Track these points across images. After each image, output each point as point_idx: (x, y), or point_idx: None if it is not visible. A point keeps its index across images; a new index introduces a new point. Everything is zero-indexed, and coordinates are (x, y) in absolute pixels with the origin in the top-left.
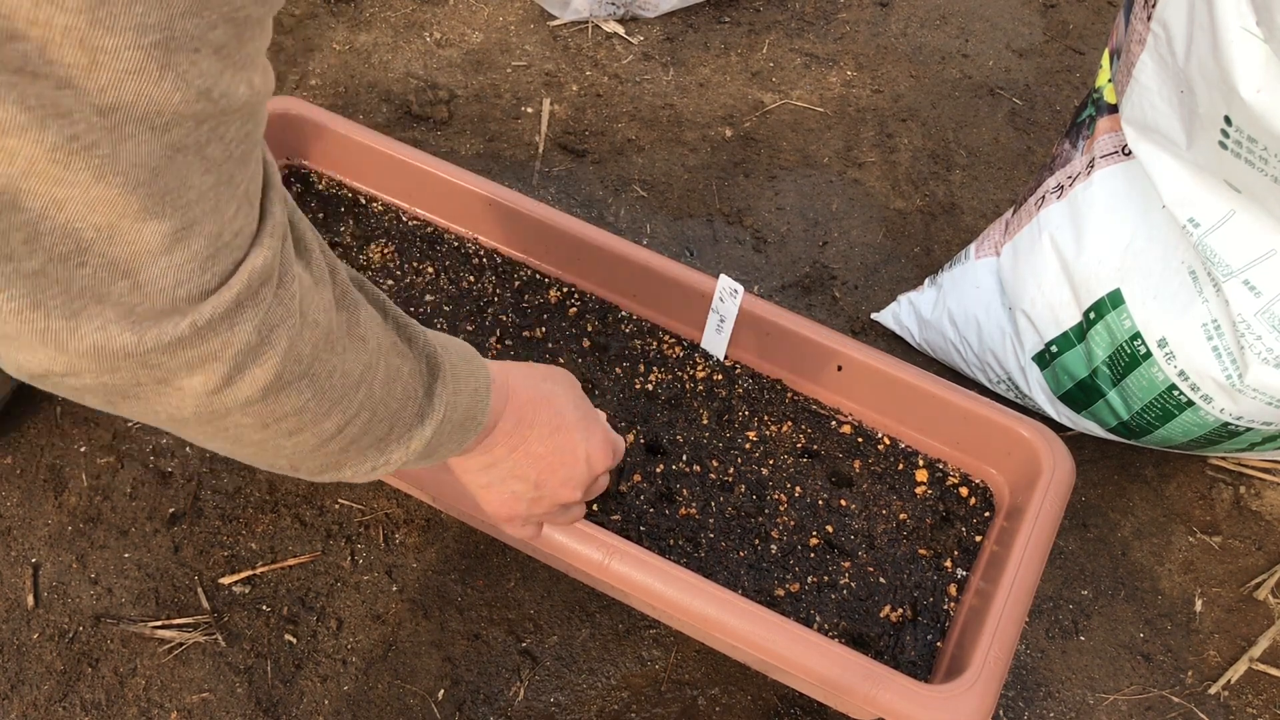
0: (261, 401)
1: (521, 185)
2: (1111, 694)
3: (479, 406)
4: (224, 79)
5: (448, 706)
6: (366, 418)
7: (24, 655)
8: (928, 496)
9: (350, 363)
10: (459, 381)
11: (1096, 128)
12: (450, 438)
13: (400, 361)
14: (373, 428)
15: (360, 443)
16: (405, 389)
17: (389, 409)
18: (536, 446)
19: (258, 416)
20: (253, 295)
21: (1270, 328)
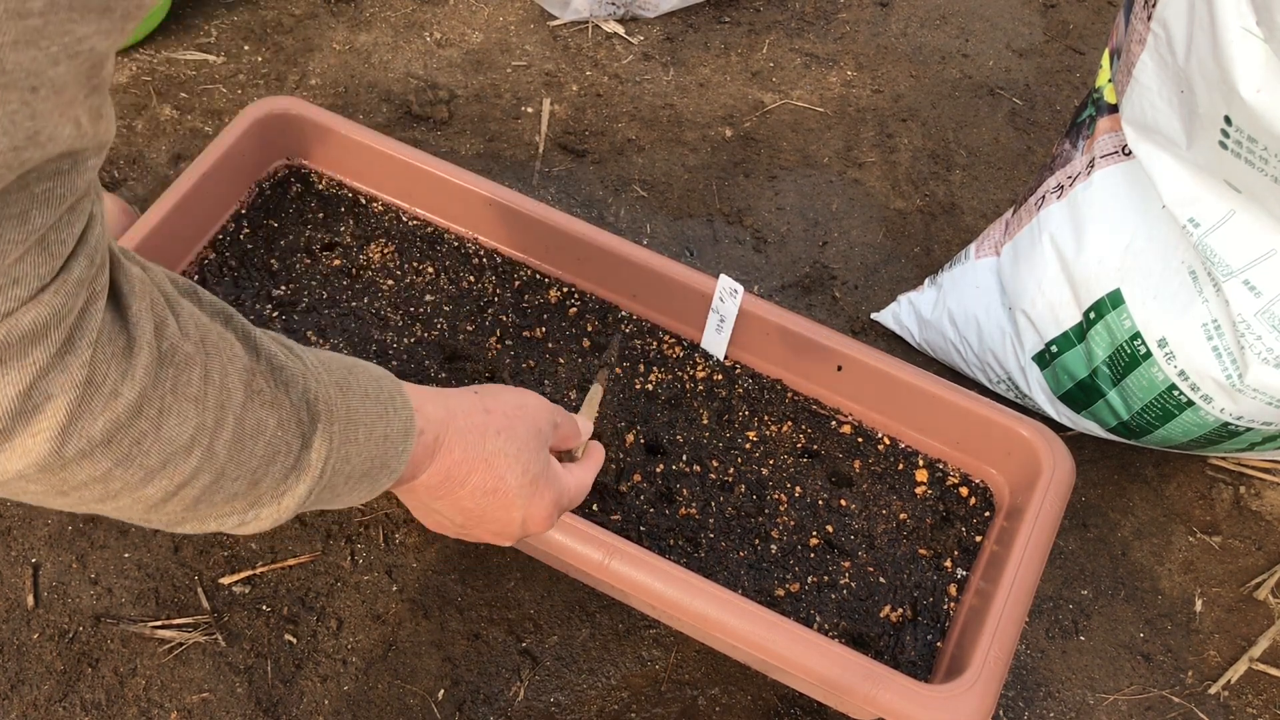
0: (42, 475)
1: (521, 185)
2: (1111, 694)
3: (392, 453)
4: (53, 119)
5: (448, 706)
6: (209, 479)
7: (24, 655)
8: (928, 496)
9: (175, 428)
10: (354, 430)
11: (1096, 128)
12: (351, 489)
13: (266, 413)
14: (223, 485)
15: (211, 500)
16: (271, 443)
17: (245, 466)
18: (466, 502)
19: (49, 485)
20: (17, 355)
21: (1270, 328)
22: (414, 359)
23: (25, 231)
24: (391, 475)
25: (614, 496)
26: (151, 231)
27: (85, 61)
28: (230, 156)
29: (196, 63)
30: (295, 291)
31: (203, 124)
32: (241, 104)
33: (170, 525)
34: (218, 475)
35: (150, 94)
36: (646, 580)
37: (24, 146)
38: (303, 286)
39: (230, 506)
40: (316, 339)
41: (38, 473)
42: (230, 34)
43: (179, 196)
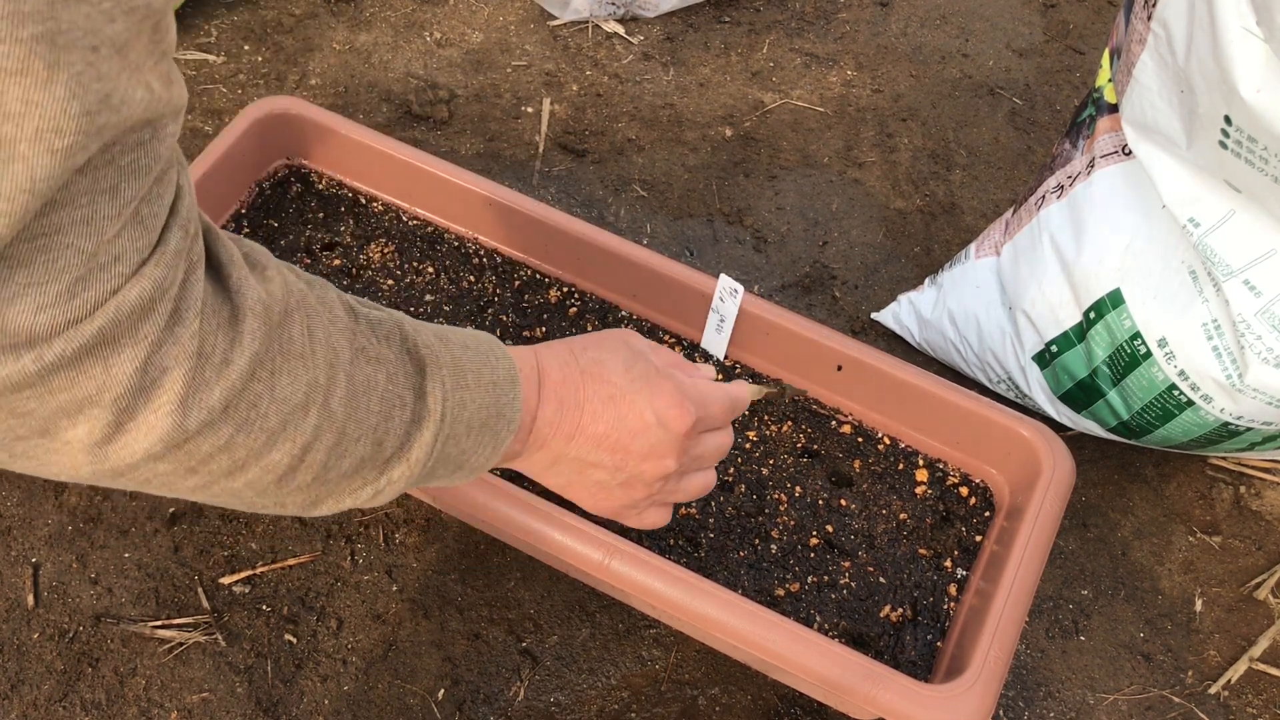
0: (169, 451)
1: (521, 185)
2: (1111, 694)
3: (504, 400)
4: (122, 82)
5: (448, 706)
6: (331, 440)
7: (24, 655)
8: (928, 496)
9: (288, 388)
10: (463, 376)
11: (1096, 128)
12: (475, 441)
13: (373, 369)
14: (349, 448)
15: (340, 467)
16: (385, 397)
17: (365, 424)
18: (594, 426)
19: (177, 463)
20: (129, 330)
21: (1270, 328)
22: None
23: (118, 206)
24: (510, 425)
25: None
26: None
27: (142, 19)
28: (230, 156)
29: (196, 63)
30: None
31: (203, 124)
32: (241, 104)
33: (307, 506)
34: (339, 435)
35: None
36: (646, 580)
37: (97, 111)
38: None
39: (361, 476)
40: None
41: (165, 449)
42: (230, 34)
43: None
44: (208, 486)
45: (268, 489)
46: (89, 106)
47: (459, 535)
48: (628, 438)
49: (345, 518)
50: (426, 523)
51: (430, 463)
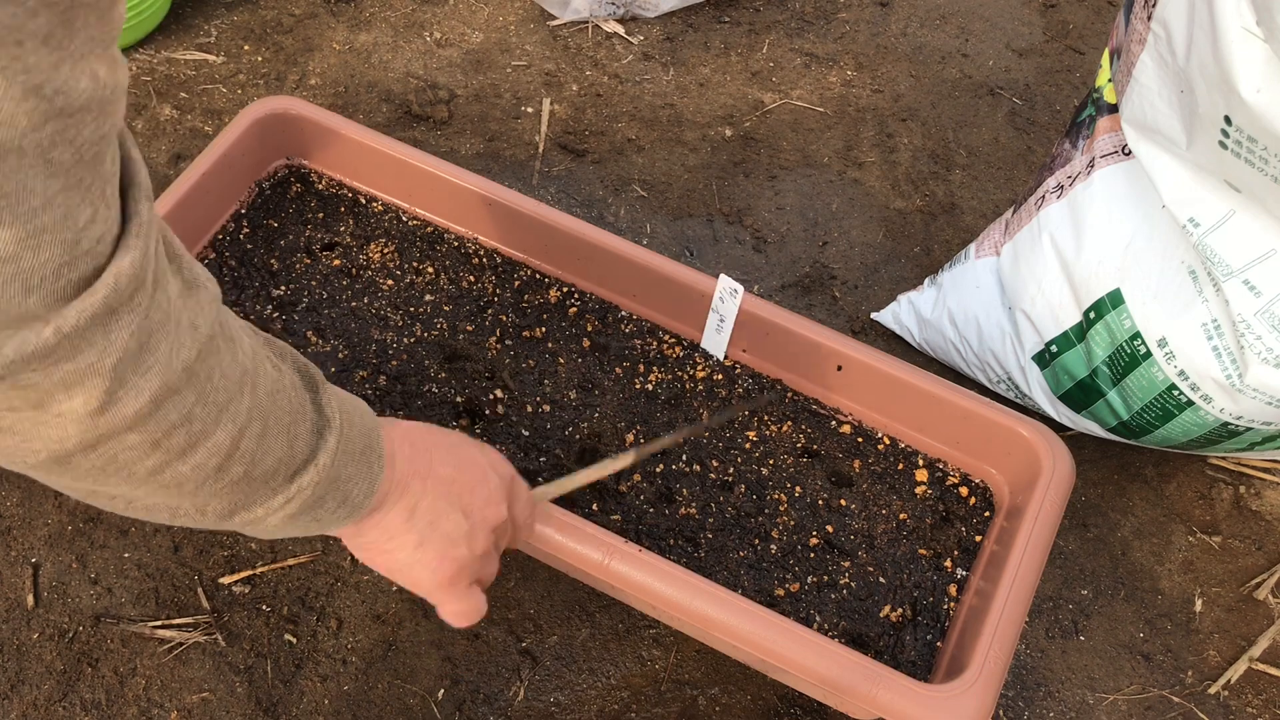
0: (150, 416)
1: (521, 185)
2: (1111, 694)
3: (373, 431)
4: (60, 73)
5: (448, 706)
6: (259, 429)
7: (24, 655)
8: (928, 496)
9: (229, 365)
10: (339, 395)
11: (1096, 128)
12: (357, 468)
13: (277, 373)
14: (270, 444)
15: (264, 463)
16: (292, 400)
17: (282, 421)
18: (442, 469)
19: (147, 434)
20: (126, 300)
21: (1270, 328)
22: (414, 359)
23: (85, 193)
24: (380, 458)
25: (614, 496)
26: None
27: (68, 11)
28: (230, 156)
29: (196, 63)
30: (295, 291)
31: (203, 124)
32: (241, 104)
33: (225, 513)
34: (264, 425)
35: (150, 94)
36: (646, 580)
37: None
38: (303, 286)
39: (277, 477)
40: (316, 339)
41: (149, 412)
42: (230, 34)
43: (179, 196)
44: (160, 471)
45: (206, 480)
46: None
47: None
48: (472, 483)
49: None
50: None
51: (330, 475)
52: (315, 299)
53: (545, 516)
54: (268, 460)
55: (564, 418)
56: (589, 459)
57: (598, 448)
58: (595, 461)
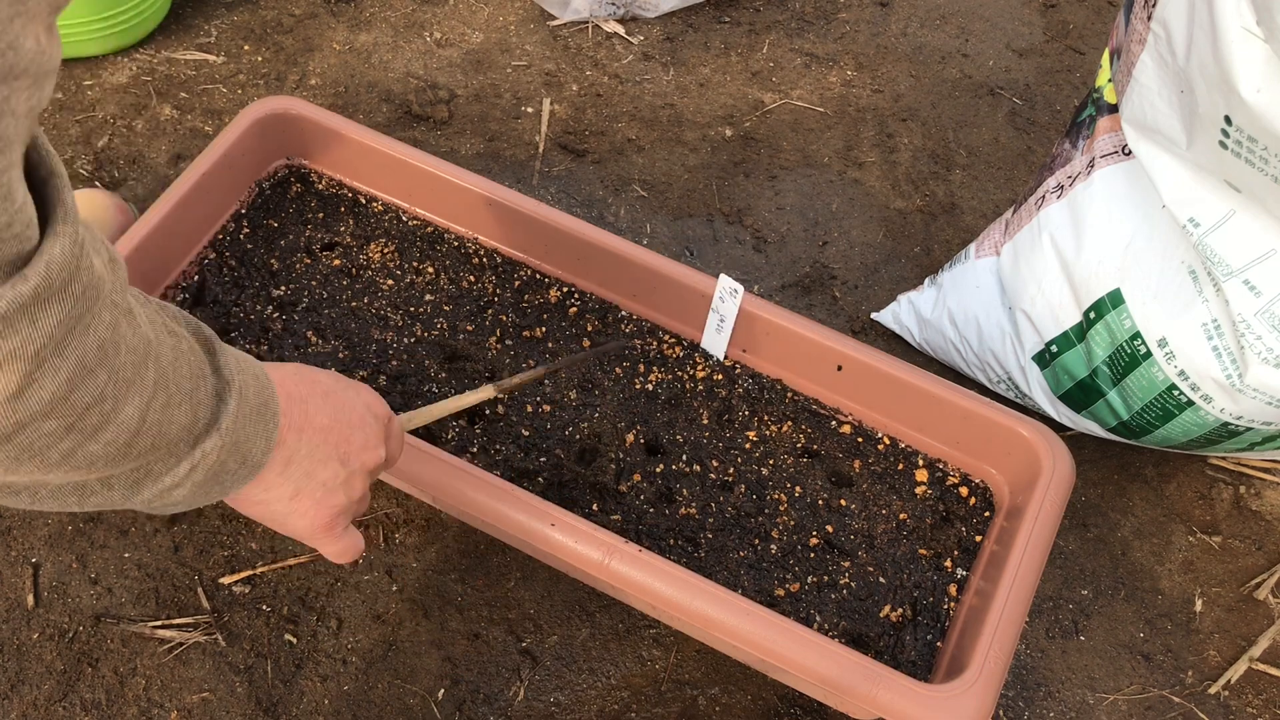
0: (66, 399)
1: (521, 185)
2: (1111, 694)
3: (265, 383)
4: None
5: (448, 706)
6: (164, 399)
7: (24, 655)
8: (928, 496)
9: (133, 338)
10: (235, 356)
11: (1096, 128)
12: (255, 429)
13: (175, 340)
14: (174, 413)
15: (169, 432)
16: (191, 366)
17: (183, 388)
18: (320, 419)
19: (62, 418)
20: (59, 289)
21: (1270, 328)
22: (414, 359)
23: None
24: (275, 415)
25: (614, 496)
26: (151, 231)
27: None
28: (230, 156)
29: (196, 63)
30: (295, 291)
31: (203, 124)
32: (241, 104)
33: (133, 482)
34: (169, 394)
35: (150, 94)
36: (646, 580)
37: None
38: (303, 286)
39: (182, 444)
40: (316, 339)
41: (64, 396)
42: (230, 34)
43: (179, 196)
44: (73, 453)
45: (115, 456)
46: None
47: (459, 535)
48: (349, 430)
49: None
50: (426, 523)
51: (232, 438)
52: (315, 299)
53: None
54: (172, 429)
55: (564, 418)
56: (589, 459)
57: (598, 448)
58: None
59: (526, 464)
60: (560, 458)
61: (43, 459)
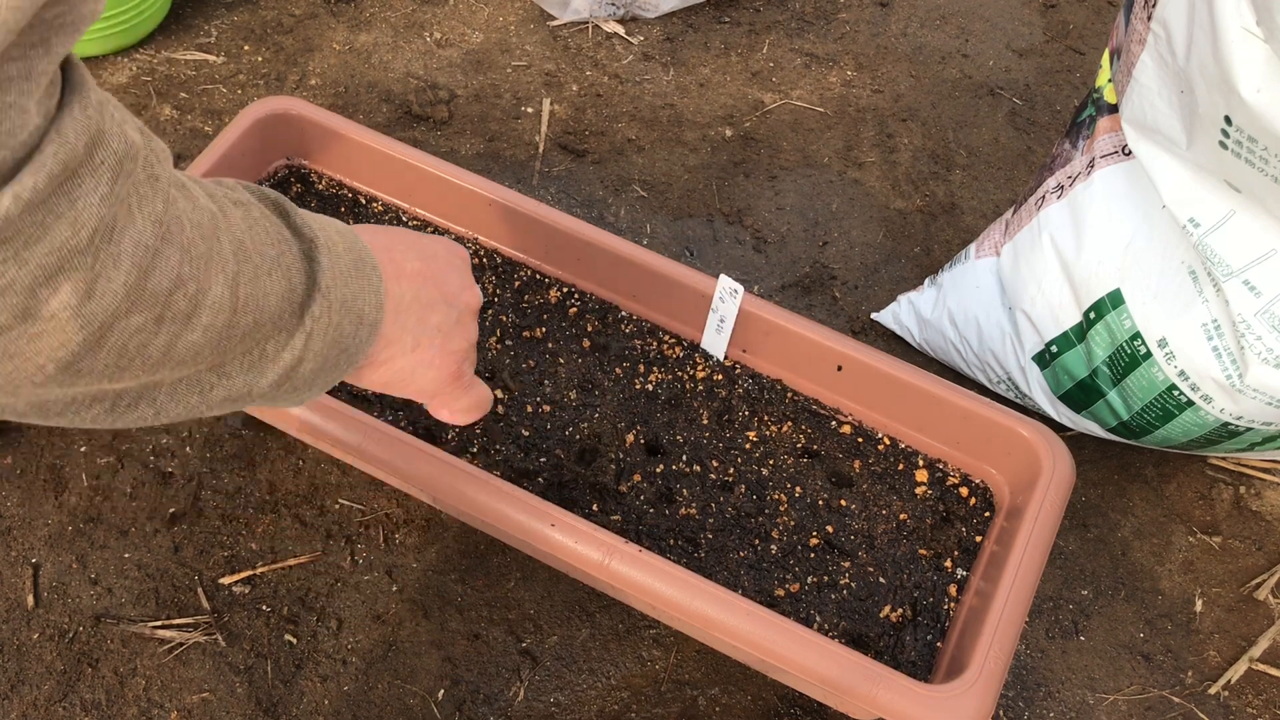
0: (142, 287)
1: (521, 185)
2: (1111, 694)
3: (351, 236)
4: None
5: (448, 706)
6: (250, 270)
7: (24, 655)
8: (928, 496)
9: (194, 211)
10: (310, 215)
11: (1096, 128)
12: (358, 282)
13: (243, 210)
14: (265, 283)
15: (268, 305)
16: (268, 232)
17: (266, 255)
18: (411, 264)
19: (147, 309)
20: (84, 158)
21: (1270, 328)
22: None
23: (51, 61)
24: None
25: (614, 496)
26: None
27: None
28: (230, 156)
29: (196, 63)
30: None
31: (203, 124)
32: (241, 104)
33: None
34: (254, 263)
35: (150, 94)
36: (646, 580)
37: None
38: None
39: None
40: None
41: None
42: (230, 34)
43: None
44: (173, 346)
45: (220, 341)
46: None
47: (459, 535)
48: (443, 271)
49: (345, 518)
50: (426, 523)
51: (337, 296)
52: None
53: (547, 518)
54: (271, 301)
55: (564, 418)
56: (589, 459)
57: (598, 448)
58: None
59: (526, 464)
60: (560, 458)
61: (144, 359)
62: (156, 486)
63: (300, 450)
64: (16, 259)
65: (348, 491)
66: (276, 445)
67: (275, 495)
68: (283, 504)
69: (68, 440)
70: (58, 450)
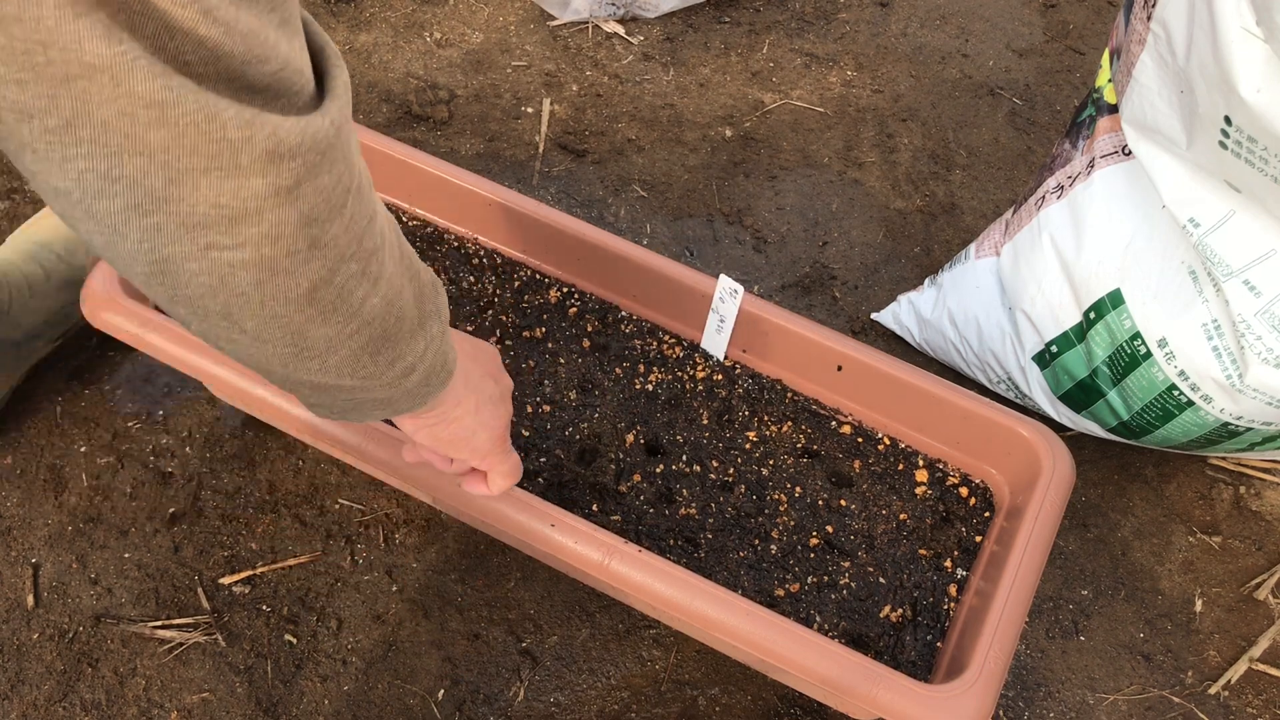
0: (360, 236)
1: (521, 185)
2: (1111, 694)
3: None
4: None
5: (448, 706)
6: (403, 271)
7: (24, 655)
8: (928, 496)
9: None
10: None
11: (1096, 128)
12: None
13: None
14: (408, 286)
15: (407, 309)
16: (408, 257)
17: (410, 268)
18: (463, 344)
19: (358, 260)
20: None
21: (1270, 328)
22: None
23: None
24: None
25: (614, 496)
26: None
27: None
28: None
29: None
30: None
31: None
32: None
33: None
34: (403, 266)
35: None
36: (646, 580)
37: None
38: None
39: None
40: None
41: (363, 224)
42: None
43: None
44: (366, 301)
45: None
46: None
47: (459, 535)
48: (486, 355)
49: (345, 518)
50: (426, 523)
51: (443, 330)
52: None
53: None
54: (409, 305)
55: (564, 418)
56: (589, 459)
57: (598, 448)
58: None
59: (526, 464)
60: (560, 458)
61: (348, 304)
62: (156, 486)
63: (300, 450)
64: (331, 170)
65: (348, 491)
66: (276, 445)
67: (275, 495)
68: (283, 504)
69: (68, 440)
70: (58, 450)
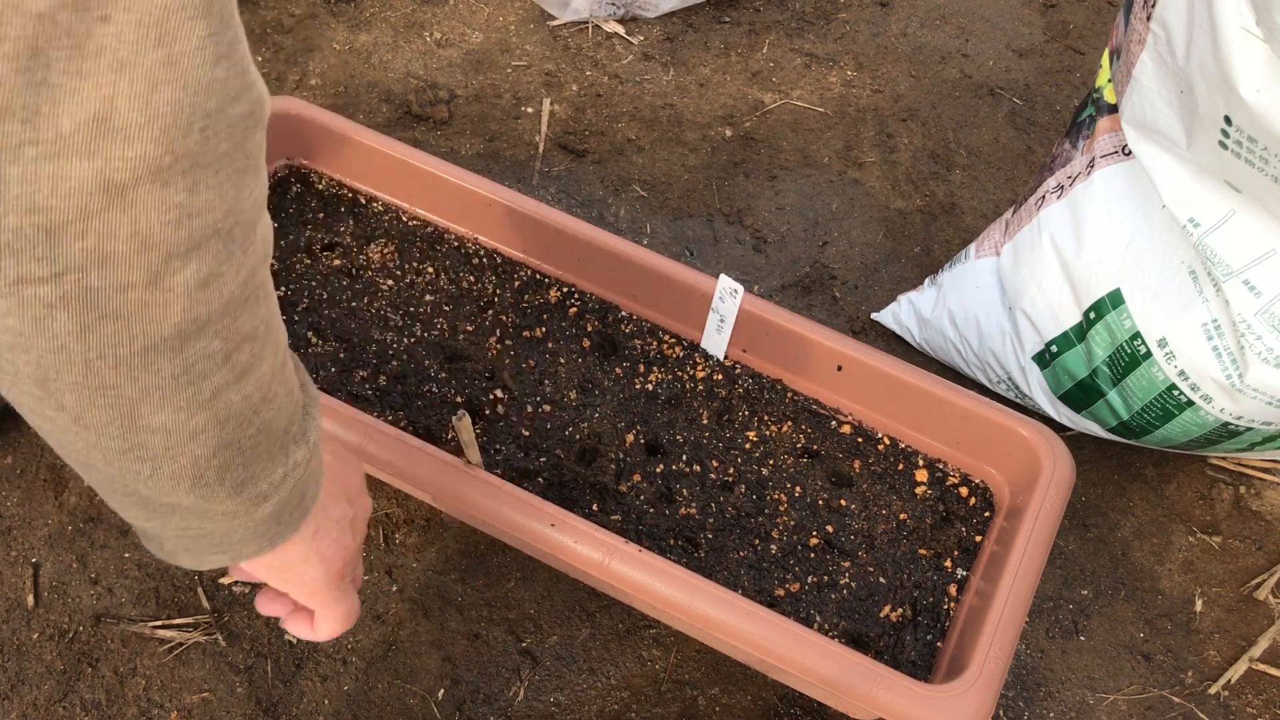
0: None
1: (521, 185)
2: (1111, 694)
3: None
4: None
5: (448, 706)
6: (281, 380)
7: (24, 655)
8: (928, 496)
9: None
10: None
11: (1096, 128)
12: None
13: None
14: (282, 402)
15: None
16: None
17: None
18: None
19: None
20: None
21: (1270, 328)
22: (414, 359)
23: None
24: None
25: (614, 496)
26: None
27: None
28: None
29: None
30: (295, 292)
31: None
32: None
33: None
34: (282, 376)
35: None
36: (646, 580)
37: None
38: (303, 286)
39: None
40: (316, 339)
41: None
42: None
43: None
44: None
45: (246, 415)
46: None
47: (459, 535)
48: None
49: None
50: (426, 523)
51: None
52: (315, 299)
53: (547, 518)
54: (279, 421)
55: (564, 418)
56: (589, 459)
57: (598, 448)
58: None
59: (526, 464)
60: (560, 458)
61: (196, 391)
62: None
63: None
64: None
65: None
66: None
67: None
68: None
69: None
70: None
